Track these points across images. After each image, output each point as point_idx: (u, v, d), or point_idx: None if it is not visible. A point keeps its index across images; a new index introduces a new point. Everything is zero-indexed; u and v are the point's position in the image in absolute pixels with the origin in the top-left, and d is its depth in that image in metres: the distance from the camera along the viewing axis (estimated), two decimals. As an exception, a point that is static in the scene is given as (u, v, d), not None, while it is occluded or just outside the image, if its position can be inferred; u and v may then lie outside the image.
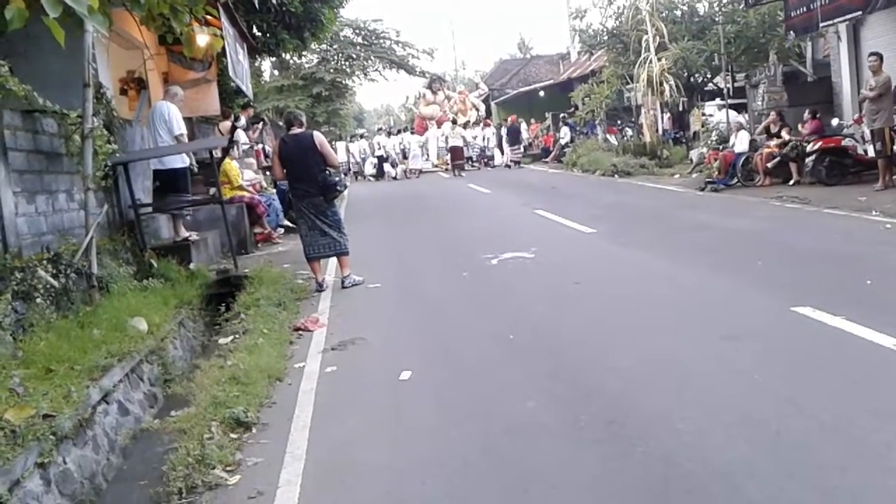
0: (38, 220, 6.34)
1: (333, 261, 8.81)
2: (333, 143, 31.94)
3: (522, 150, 30.60)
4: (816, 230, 9.32)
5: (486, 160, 30.21)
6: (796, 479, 3.19)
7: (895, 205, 9.81)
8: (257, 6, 13.47)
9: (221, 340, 6.88)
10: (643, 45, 21.08)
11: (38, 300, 5.48)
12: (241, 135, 13.29)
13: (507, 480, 3.48)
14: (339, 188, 8.25)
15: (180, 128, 9.07)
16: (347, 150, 31.37)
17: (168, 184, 9.08)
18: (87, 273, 6.37)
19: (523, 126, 32.41)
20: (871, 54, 11.78)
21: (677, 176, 18.06)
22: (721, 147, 16.01)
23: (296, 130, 8.16)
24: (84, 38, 6.64)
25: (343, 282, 8.30)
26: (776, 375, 4.40)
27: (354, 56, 37.02)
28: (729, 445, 3.55)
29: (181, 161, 9.17)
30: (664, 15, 21.75)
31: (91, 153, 6.79)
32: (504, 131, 31.23)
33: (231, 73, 11.89)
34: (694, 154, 18.44)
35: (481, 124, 32.47)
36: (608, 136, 26.13)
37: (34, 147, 6.48)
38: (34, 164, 6.44)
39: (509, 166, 28.85)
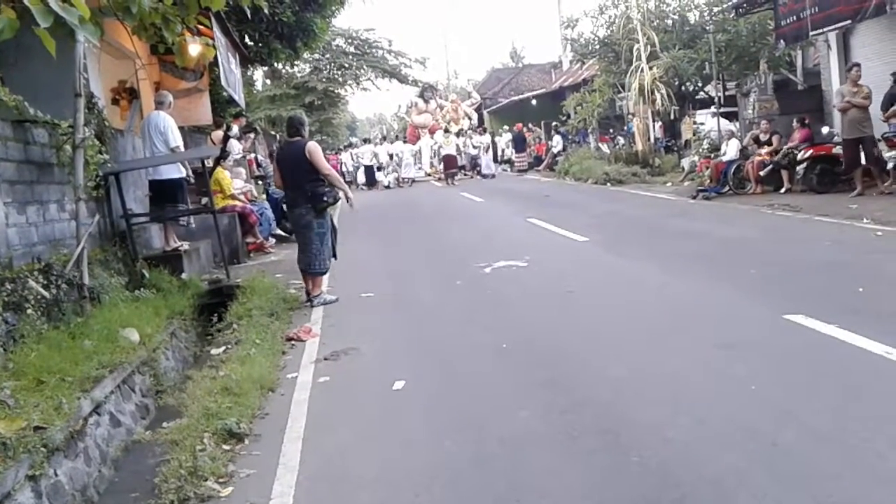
0: (28, 230, 6.31)
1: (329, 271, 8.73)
2: (339, 153, 32.21)
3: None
4: (808, 238, 9.35)
5: (478, 169, 30.26)
6: (790, 488, 3.18)
7: (886, 212, 9.86)
8: (249, 16, 13.47)
9: (213, 351, 6.85)
10: (635, 54, 21.18)
11: (29, 311, 5.45)
12: (233, 144, 13.28)
13: (500, 491, 3.47)
14: (326, 199, 7.90)
15: (176, 140, 8.99)
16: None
17: (164, 194, 9.04)
18: (78, 284, 6.33)
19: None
20: (855, 65, 11.95)
21: (669, 184, 18.13)
22: (712, 155, 16.08)
23: (294, 138, 7.97)
24: (75, 49, 6.63)
25: (312, 299, 8.04)
26: (769, 384, 4.41)
27: (347, 65, 37.09)
28: (723, 455, 3.55)
29: (177, 171, 9.12)
30: (655, 24, 21.85)
31: (82, 163, 6.77)
32: (502, 139, 31.69)
33: (223, 83, 11.88)
34: (685, 162, 18.53)
35: (474, 132, 32.54)
36: (600, 144, 26.20)
37: (25, 157, 6.45)
38: (25, 174, 6.41)
39: (495, 175, 28.90)
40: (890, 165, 11.52)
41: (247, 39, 15.83)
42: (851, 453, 3.44)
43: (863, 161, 11.67)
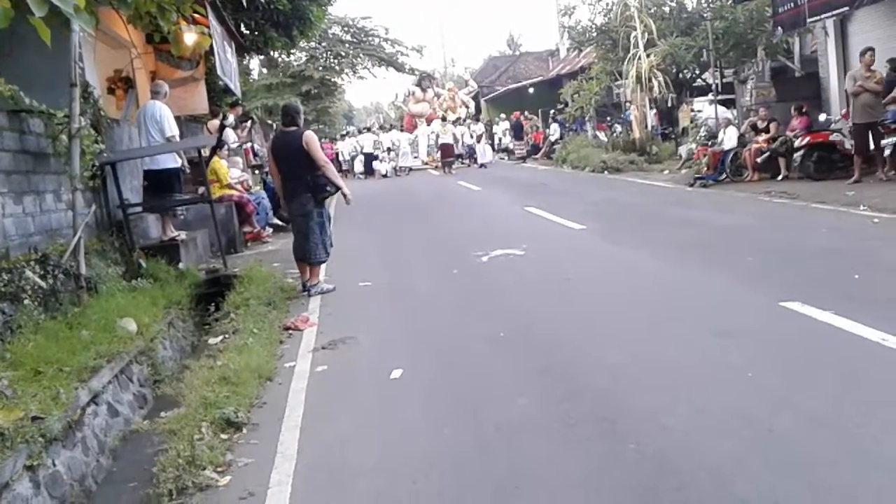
0: (25, 220, 6.30)
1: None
2: (334, 142, 32.19)
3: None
4: (805, 225, 9.36)
5: (474, 157, 30.19)
6: (786, 474, 3.20)
7: (882, 199, 9.87)
8: (245, 4, 13.42)
9: (211, 340, 6.86)
10: (632, 41, 21.13)
11: (26, 301, 5.45)
12: (229, 133, 13.24)
13: (499, 478, 3.48)
14: (329, 189, 7.93)
15: (172, 129, 8.98)
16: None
17: (160, 184, 9.02)
18: (75, 274, 6.33)
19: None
20: (869, 49, 11.83)
21: (666, 172, 18.12)
22: (710, 143, 16.06)
23: (289, 128, 7.86)
24: (71, 38, 6.60)
25: (309, 289, 8.00)
26: (766, 371, 4.42)
27: (343, 54, 36.93)
28: (720, 442, 3.56)
29: (173, 161, 9.10)
30: (652, 11, 21.77)
31: (78, 153, 6.75)
32: (499, 128, 31.74)
33: (219, 72, 11.85)
34: (683, 150, 18.51)
35: (470, 121, 32.52)
36: (597, 132, 26.17)
37: (21, 147, 6.43)
38: (21, 164, 6.39)
39: (488, 165, 28.72)
40: (887, 152, 11.52)
41: (242, 28, 15.76)
42: (847, 439, 3.46)
43: (871, 146, 11.64)
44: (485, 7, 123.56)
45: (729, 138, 15.00)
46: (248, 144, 16.01)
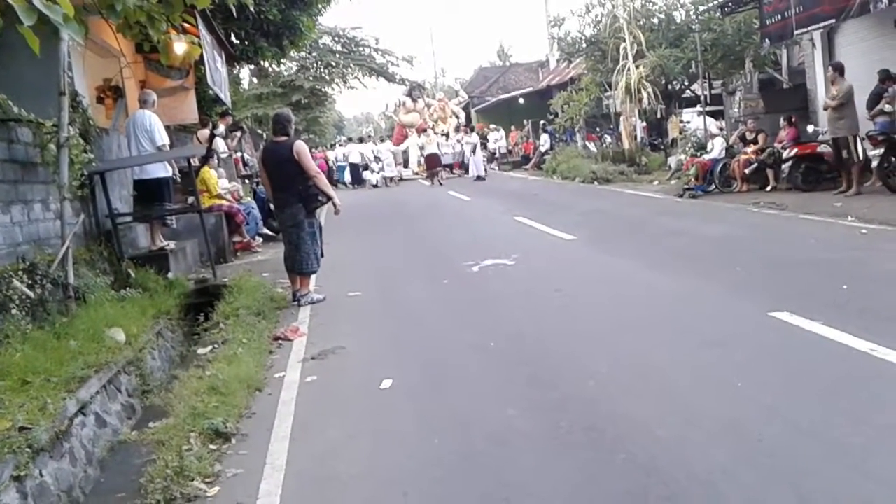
0: (13, 230, 6.27)
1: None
2: (327, 150, 32.10)
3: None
4: (793, 236, 9.40)
5: (466, 168, 30.18)
6: (776, 484, 3.20)
7: (870, 210, 9.94)
8: (235, 14, 13.42)
9: (200, 350, 6.82)
10: (621, 52, 21.24)
11: (14, 311, 5.41)
12: (219, 143, 13.22)
13: (488, 489, 3.48)
14: (321, 199, 7.89)
15: (162, 138, 8.96)
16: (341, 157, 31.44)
17: (149, 193, 8.99)
18: (63, 283, 6.30)
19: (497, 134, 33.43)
20: (830, 65, 12.16)
21: (656, 182, 18.19)
22: (699, 154, 16.15)
23: (280, 138, 7.82)
24: (60, 47, 6.58)
25: (299, 298, 7.98)
26: (755, 381, 4.43)
27: (334, 64, 36.99)
28: (709, 452, 3.57)
29: (164, 170, 9.07)
30: (642, 23, 21.92)
31: (67, 162, 6.72)
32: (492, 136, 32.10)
33: (209, 81, 11.84)
34: (672, 161, 18.60)
35: (461, 131, 32.55)
36: (587, 143, 26.27)
37: (9, 156, 6.40)
38: (9, 173, 6.36)
39: (481, 178, 28.43)
40: (874, 164, 11.60)
41: (233, 37, 15.77)
42: (836, 449, 3.47)
43: (855, 159, 11.73)
44: (475, 18, 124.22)
45: (717, 149, 15.09)
46: (238, 154, 16.00)
